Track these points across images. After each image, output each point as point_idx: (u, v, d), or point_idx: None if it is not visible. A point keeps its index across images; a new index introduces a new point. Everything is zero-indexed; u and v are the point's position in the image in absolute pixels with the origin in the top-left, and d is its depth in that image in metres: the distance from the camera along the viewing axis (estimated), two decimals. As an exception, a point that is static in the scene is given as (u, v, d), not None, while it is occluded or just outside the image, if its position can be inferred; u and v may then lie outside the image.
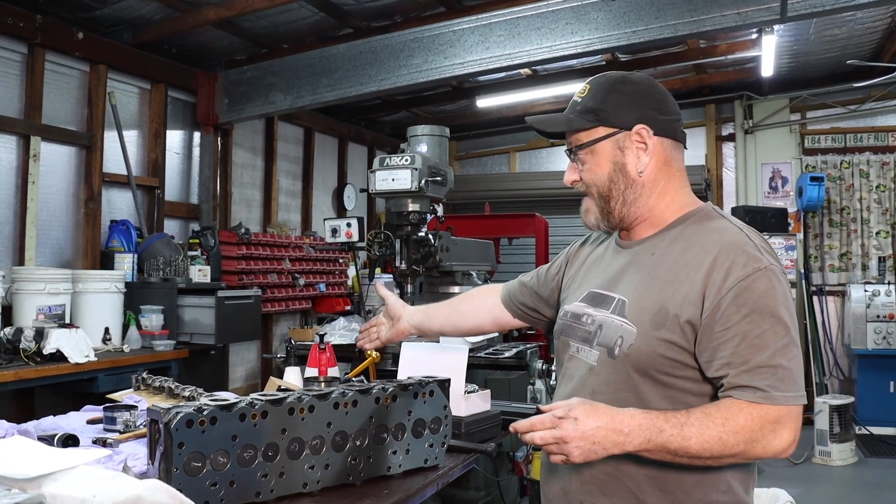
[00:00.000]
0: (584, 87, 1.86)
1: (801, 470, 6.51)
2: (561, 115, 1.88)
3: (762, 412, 1.55)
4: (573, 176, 1.88)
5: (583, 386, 1.78)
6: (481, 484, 4.49)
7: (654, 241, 1.82)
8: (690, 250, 1.72)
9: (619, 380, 1.71)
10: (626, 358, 1.70)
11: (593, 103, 1.82)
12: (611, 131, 1.80)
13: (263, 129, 7.75)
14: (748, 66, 8.11)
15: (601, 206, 1.84)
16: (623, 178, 1.80)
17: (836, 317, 8.60)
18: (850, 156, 8.61)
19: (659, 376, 1.68)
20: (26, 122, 5.17)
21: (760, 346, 1.58)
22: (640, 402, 1.66)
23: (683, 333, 1.65)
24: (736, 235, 1.72)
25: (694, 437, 1.54)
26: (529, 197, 9.20)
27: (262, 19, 6.03)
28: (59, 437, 2.21)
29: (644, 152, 1.80)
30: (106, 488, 1.24)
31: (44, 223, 5.34)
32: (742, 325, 1.59)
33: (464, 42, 5.66)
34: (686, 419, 1.56)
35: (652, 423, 1.56)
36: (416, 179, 3.49)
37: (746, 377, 1.57)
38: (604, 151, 1.81)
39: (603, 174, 1.81)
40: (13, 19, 4.98)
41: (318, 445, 1.84)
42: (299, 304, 7.55)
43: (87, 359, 4.40)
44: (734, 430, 1.54)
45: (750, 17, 4.83)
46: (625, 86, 1.84)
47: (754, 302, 1.61)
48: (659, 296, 1.70)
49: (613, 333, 1.73)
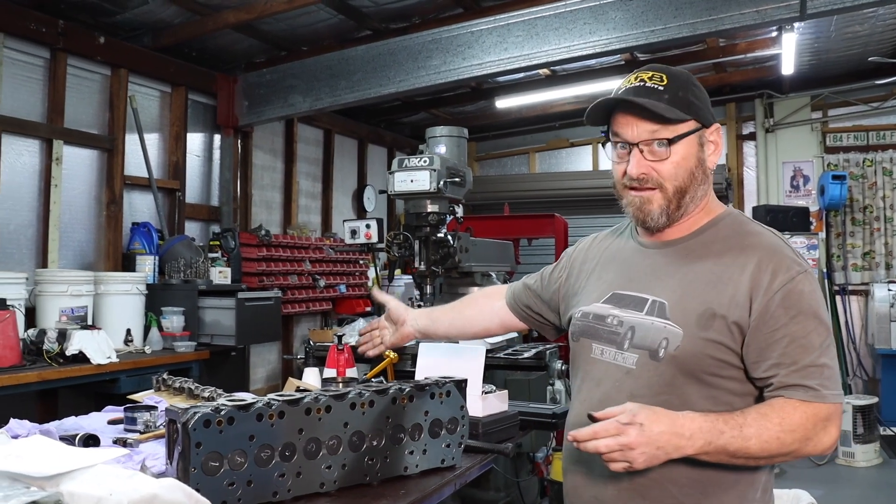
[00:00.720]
0: (659, 76, 1.78)
1: (824, 471, 6.45)
2: (656, 101, 1.75)
3: (815, 410, 1.59)
4: (643, 169, 1.77)
5: (618, 390, 1.75)
6: (501, 485, 4.48)
7: (688, 242, 1.82)
8: (729, 253, 1.74)
9: (663, 382, 1.70)
10: (673, 360, 1.69)
11: (684, 94, 1.76)
12: (698, 126, 1.78)
13: (283, 131, 7.79)
14: (768, 64, 8.04)
15: (674, 201, 1.78)
16: (701, 175, 1.79)
17: (860, 316, 8.52)
18: (872, 154, 8.52)
19: (705, 377, 1.68)
20: (49, 125, 5.24)
21: (808, 347, 1.63)
22: (682, 404, 1.66)
23: (731, 334, 1.66)
24: (773, 239, 1.76)
25: (753, 437, 1.56)
26: (549, 197, 9.17)
27: (280, 22, 6.06)
28: (81, 436, 2.24)
29: (716, 151, 1.82)
30: (122, 487, 1.26)
31: (66, 226, 5.40)
32: (790, 326, 1.63)
33: (482, 43, 5.66)
34: (744, 420, 1.57)
35: (712, 425, 1.56)
36: (434, 180, 3.50)
37: (797, 377, 1.61)
38: (691, 146, 1.77)
39: (687, 168, 1.77)
40: (36, 24, 5.04)
41: (335, 445, 1.85)
42: (319, 305, 7.58)
43: (109, 360, 4.45)
44: (791, 428, 1.57)
45: (769, 15, 4.80)
46: (696, 83, 1.83)
47: (800, 304, 1.65)
48: (703, 297, 1.70)
49: (656, 335, 1.72)
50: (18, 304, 4.39)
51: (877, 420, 6.87)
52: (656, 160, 1.76)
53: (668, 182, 1.77)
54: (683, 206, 1.79)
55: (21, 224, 5.13)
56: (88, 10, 5.41)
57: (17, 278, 4.51)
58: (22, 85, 5.13)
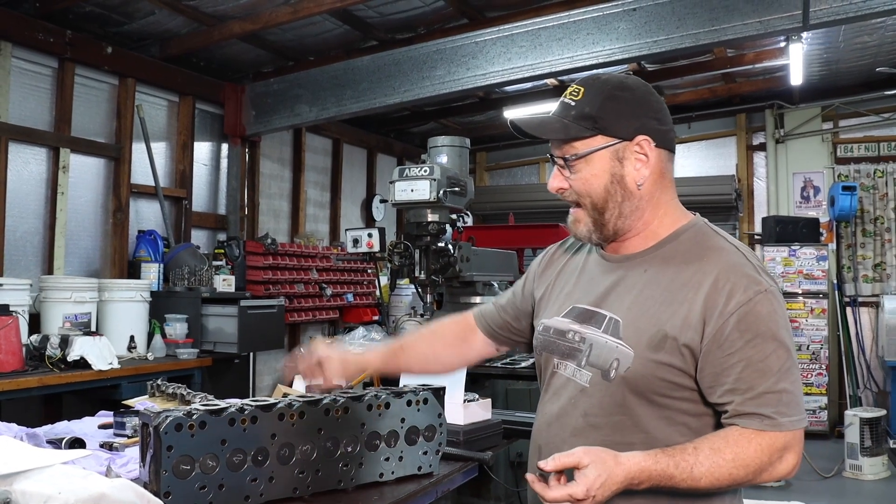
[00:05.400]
0: (578, 89, 1.71)
1: (830, 484, 6.39)
2: (554, 120, 1.71)
3: (771, 441, 1.54)
4: (560, 183, 1.74)
5: (573, 406, 1.72)
6: (501, 494, 4.47)
7: (646, 256, 1.74)
8: (687, 270, 1.66)
9: (615, 402, 1.66)
10: (623, 381, 1.64)
11: (591, 109, 1.68)
12: (610, 141, 1.68)
13: (291, 140, 7.85)
14: (778, 74, 8.01)
15: (594, 218, 1.72)
16: (621, 191, 1.69)
17: (870, 328, 8.45)
18: (883, 164, 8.47)
19: (656, 398, 1.63)
20: (56, 134, 5.31)
21: (765, 372, 1.56)
22: (635, 425, 1.64)
23: (682, 356, 1.60)
24: (734, 256, 1.66)
25: (704, 476, 1.52)
26: (557, 207, 9.05)
27: (287, 32, 6.11)
28: (67, 440, 2.27)
29: (644, 164, 1.69)
30: (72, 486, 1.28)
31: (72, 233, 5.47)
32: (746, 350, 1.56)
33: (486, 53, 5.69)
34: (695, 459, 1.52)
35: (662, 472, 1.51)
36: (434, 190, 3.51)
37: (753, 405, 1.55)
38: (601, 162, 1.68)
39: (599, 185, 1.69)
40: (44, 35, 5.12)
41: (309, 451, 1.86)
42: (326, 314, 7.61)
43: (111, 366, 4.49)
44: (744, 464, 1.53)
45: (772, 26, 4.79)
46: (623, 92, 1.70)
47: (757, 326, 1.57)
48: (656, 317, 1.64)
49: (608, 355, 1.67)
50: (22, 309, 4.45)
51: (885, 433, 6.80)
52: (571, 176, 1.72)
53: (583, 198, 1.72)
54: (609, 223, 1.72)
55: (28, 231, 5.20)
56: (96, 20, 5.48)
57: (22, 284, 4.56)
58: (30, 94, 5.21)
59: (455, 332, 2.21)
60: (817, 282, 8.02)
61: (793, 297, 7.91)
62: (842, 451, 6.67)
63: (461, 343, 2.18)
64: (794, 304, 7.87)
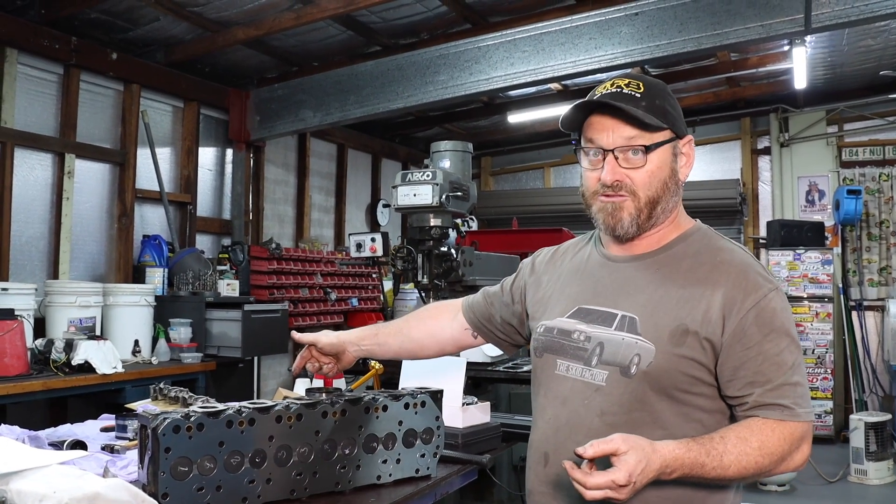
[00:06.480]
0: (635, 83, 1.74)
1: (835, 488, 6.37)
2: (634, 107, 1.69)
3: (791, 430, 1.60)
4: (618, 175, 1.72)
5: (587, 408, 1.71)
6: (504, 498, 4.48)
7: (657, 256, 1.78)
8: (701, 268, 1.72)
9: (635, 398, 1.67)
10: (645, 376, 1.66)
11: (661, 102, 1.73)
12: (673, 136, 1.75)
13: (296, 145, 7.88)
14: (782, 78, 8.01)
15: (645, 210, 1.73)
16: (673, 186, 1.76)
17: (876, 332, 8.42)
18: (889, 168, 8.45)
19: (676, 393, 1.66)
20: (61, 140, 5.35)
21: (780, 365, 1.62)
22: (654, 421, 1.65)
23: (704, 350, 1.64)
24: (744, 256, 1.74)
25: (733, 464, 1.55)
26: (562, 212, 9.12)
27: (291, 38, 6.14)
28: (68, 443, 2.28)
29: (687, 163, 1.79)
30: (67, 485, 1.30)
31: (78, 238, 5.50)
32: (763, 344, 1.62)
33: (489, 58, 5.70)
34: (724, 448, 1.56)
35: (695, 459, 1.53)
36: (437, 194, 3.53)
37: (772, 395, 1.60)
38: (665, 155, 1.73)
39: (661, 178, 1.73)
40: (49, 41, 5.16)
41: (307, 453, 1.87)
42: (331, 318, 7.62)
43: (115, 370, 4.51)
44: (770, 452, 1.57)
45: (774, 30, 4.79)
46: (671, 94, 1.80)
47: (772, 322, 1.64)
48: (675, 313, 1.67)
49: (627, 351, 1.68)
50: (27, 314, 4.47)
51: (891, 437, 6.78)
52: (631, 168, 1.71)
53: (642, 191, 1.72)
54: (654, 216, 1.74)
55: (33, 236, 5.23)
56: (101, 27, 5.52)
57: (27, 289, 4.59)
58: (35, 100, 5.25)
59: (431, 312, 2.27)
60: (822, 286, 8.00)
61: (798, 301, 7.88)
62: (847, 456, 6.65)
63: (432, 320, 2.23)
64: (799, 308, 7.85)
